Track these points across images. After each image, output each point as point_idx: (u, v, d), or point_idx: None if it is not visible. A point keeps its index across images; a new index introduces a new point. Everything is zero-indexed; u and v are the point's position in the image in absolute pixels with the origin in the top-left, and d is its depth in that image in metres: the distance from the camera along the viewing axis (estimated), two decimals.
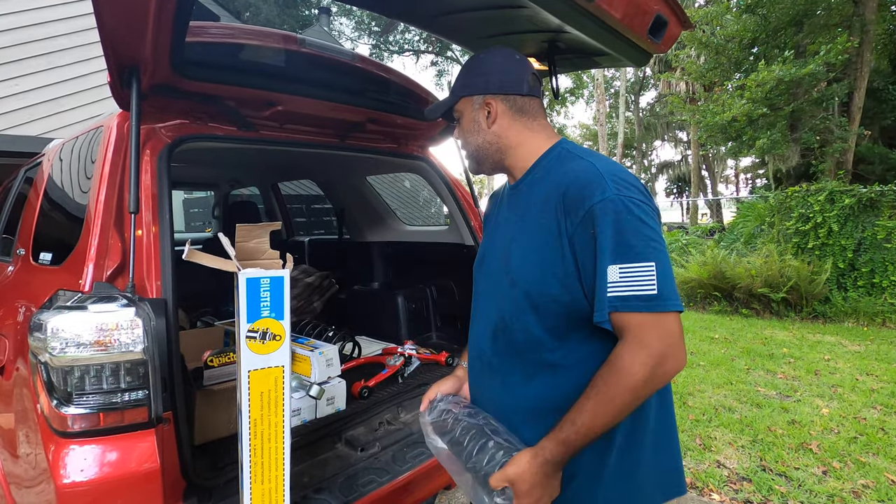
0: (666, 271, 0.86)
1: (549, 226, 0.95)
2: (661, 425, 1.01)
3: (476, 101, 1.09)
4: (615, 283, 0.85)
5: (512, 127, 1.08)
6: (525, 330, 0.99)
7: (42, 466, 1.22)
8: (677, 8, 1.41)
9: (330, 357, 1.91)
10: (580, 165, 0.96)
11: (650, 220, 0.89)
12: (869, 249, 6.46)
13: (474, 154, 1.14)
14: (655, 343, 0.83)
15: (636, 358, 0.83)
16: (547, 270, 0.94)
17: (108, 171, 1.39)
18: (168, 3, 1.07)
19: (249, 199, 4.89)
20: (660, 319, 0.84)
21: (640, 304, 0.84)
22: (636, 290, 0.84)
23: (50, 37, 5.90)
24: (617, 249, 0.86)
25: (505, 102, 1.07)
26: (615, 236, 0.86)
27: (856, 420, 3.45)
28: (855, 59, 9.02)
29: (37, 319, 1.16)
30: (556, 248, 0.93)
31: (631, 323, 0.85)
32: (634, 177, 0.94)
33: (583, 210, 0.89)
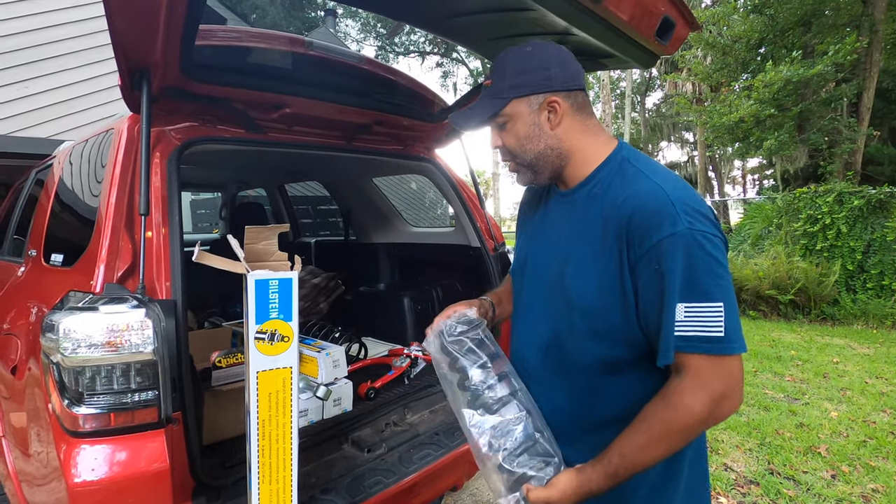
0: (733, 311, 0.81)
1: (610, 251, 0.88)
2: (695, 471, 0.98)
3: (534, 101, 0.94)
4: (681, 323, 0.81)
5: (573, 128, 0.96)
6: (581, 353, 0.94)
7: (53, 465, 1.24)
8: (685, 9, 1.40)
9: (336, 358, 1.92)
10: (647, 187, 0.87)
11: (721, 257, 0.83)
12: (878, 251, 6.40)
13: (532, 163, 0.98)
14: (717, 385, 0.81)
15: (696, 397, 0.81)
16: (608, 299, 0.88)
17: (119, 174, 1.40)
18: (178, 7, 1.08)
19: (256, 200, 4.91)
20: (723, 362, 0.81)
21: (705, 347, 0.80)
22: (702, 331, 0.80)
23: (62, 39, 5.96)
24: (686, 288, 0.80)
25: (568, 100, 0.94)
26: (685, 274, 0.80)
27: (865, 423, 3.42)
28: (864, 60, 8.94)
29: (49, 320, 1.18)
30: (617, 277, 0.87)
31: (693, 364, 0.81)
32: (704, 203, 0.86)
33: (649, 243, 0.83)
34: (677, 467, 0.94)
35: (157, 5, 1.05)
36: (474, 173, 2.44)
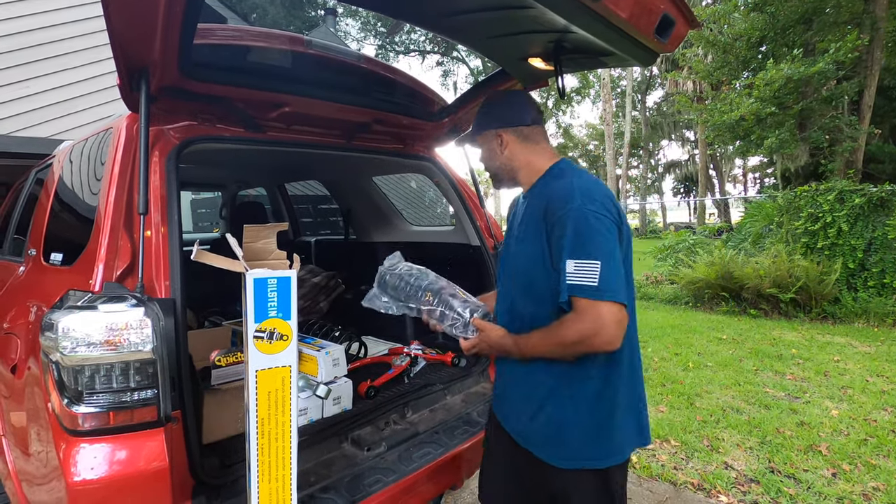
0: (609, 269, 1.11)
1: (540, 229, 1.24)
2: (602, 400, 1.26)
3: (490, 134, 1.39)
4: (571, 274, 1.13)
5: (519, 152, 1.37)
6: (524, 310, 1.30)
7: (53, 464, 1.24)
8: (684, 7, 1.40)
9: (336, 357, 1.92)
10: (563, 183, 1.25)
11: (602, 229, 1.15)
12: (879, 249, 6.39)
13: (494, 174, 1.44)
14: (589, 323, 1.11)
15: (573, 327, 1.13)
16: (538, 264, 1.24)
17: (118, 173, 1.40)
18: (176, 7, 1.08)
19: (256, 199, 4.91)
20: (595, 306, 1.11)
21: (584, 292, 1.12)
22: (583, 281, 1.12)
23: (61, 39, 5.97)
24: (573, 248, 1.14)
25: (513, 133, 1.36)
26: (573, 238, 1.14)
27: (866, 422, 3.41)
28: (865, 57, 8.93)
29: (48, 319, 1.18)
30: (542, 246, 1.23)
31: (577, 304, 1.13)
32: (602, 192, 1.21)
33: (555, 217, 1.19)
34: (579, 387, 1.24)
35: (155, 5, 1.05)
36: (474, 172, 2.43)
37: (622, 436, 1.27)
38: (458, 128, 2.29)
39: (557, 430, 1.25)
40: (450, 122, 2.23)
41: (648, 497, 2.65)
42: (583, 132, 41.93)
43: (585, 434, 1.24)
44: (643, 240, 26.18)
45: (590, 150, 42.11)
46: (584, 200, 1.16)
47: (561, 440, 1.25)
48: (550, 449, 1.26)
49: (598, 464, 1.24)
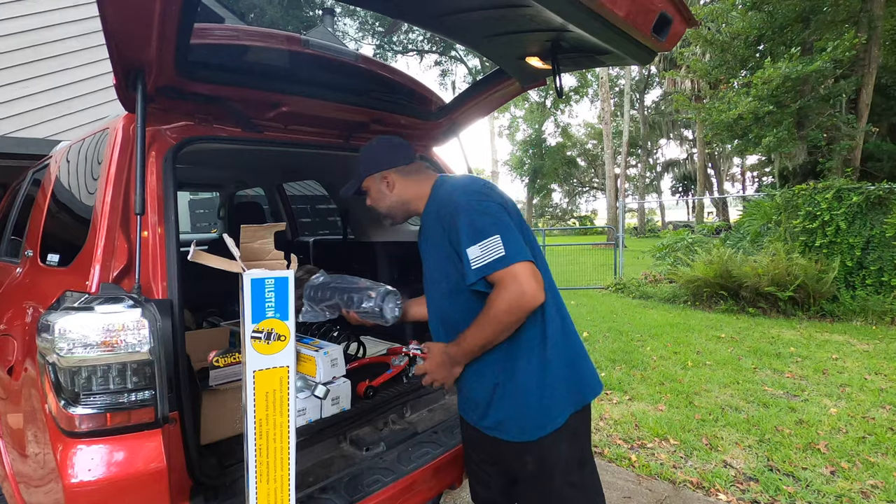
0: (508, 239, 1.25)
1: (442, 236, 1.37)
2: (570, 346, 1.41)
3: (376, 177, 1.54)
4: (477, 257, 1.25)
5: (405, 187, 1.52)
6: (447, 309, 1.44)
7: (50, 466, 1.23)
8: (681, 5, 1.40)
9: (335, 357, 1.92)
10: (444, 190, 1.43)
11: (490, 209, 1.30)
12: (877, 247, 6.41)
13: (387, 212, 1.58)
14: (511, 287, 1.22)
15: (499, 299, 1.23)
16: (449, 266, 1.37)
17: (115, 173, 1.40)
18: (172, 7, 1.07)
19: (254, 199, 4.90)
20: (510, 270, 1.22)
21: (496, 265, 1.23)
22: (492, 256, 1.23)
23: (59, 39, 5.95)
24: (471, 235, 1.26)
25: (397, 172, 1.52)
26: (468, 227, 1.28)
27: (864, 420, 3.42)
28: (863, 56, 8.95)
29: (45, 320, 1.17)
30: (448, 250, 1.36)
31: (495, 278, 1.24)
32: (480, 182, 1.40)
33: (447, 219, 1.34)
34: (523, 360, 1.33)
35: (151, 4, 1.04)
36: (473, 171, 2.43)
37: (575, 388, 1.39)
38: (456, 127, 2.29)
39: (514, 407, 1.34)
40: (447, 121, 2.23)
41: (647, 496, 2.65)
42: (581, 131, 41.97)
43: (540, 401, 1.33)
44: (642, 239, 26.20)
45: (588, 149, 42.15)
46: (464, 194, 1.34)
47: (520, 415, 1.33)
48: (513, 427, 1.35)
49: (560, 421, 1.34)
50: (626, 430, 3.41)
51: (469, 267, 1.26)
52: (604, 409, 3.76)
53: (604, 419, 3.60)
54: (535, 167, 36.55)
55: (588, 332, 6.28)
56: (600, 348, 5.44)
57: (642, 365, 4.81)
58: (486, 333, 1.28)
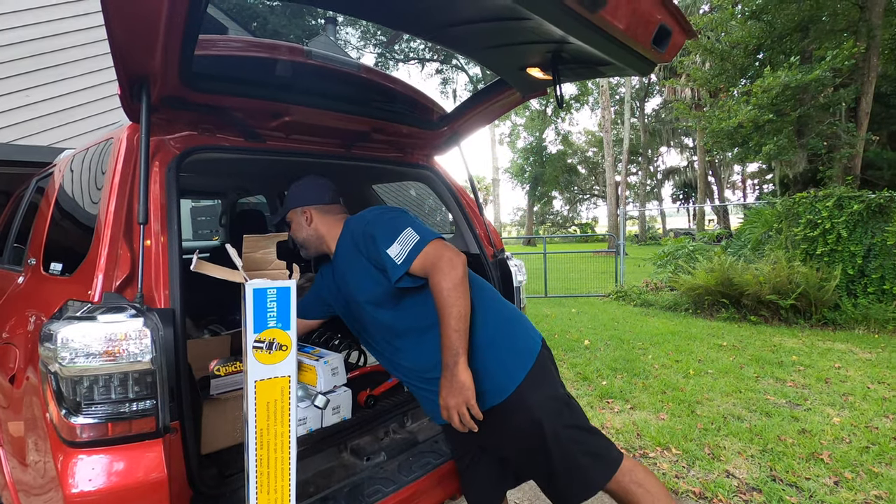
0: (417, 226, 1.44)
1: (359, 259, 1.54)
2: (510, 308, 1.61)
3: (298, 211, 1.73)
4: (398, 254, 1.39)
5: (322, 222, 1.70)
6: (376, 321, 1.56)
7: (51, 475, 1.23)
8: (681, 17, 1.41)
9: (335, 366, 1.91)
10: (353, 220, 1.63)
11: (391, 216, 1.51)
12: (879, 255, 6.40)
13: (302, 243, 1.75)
14: (440, 262, 1.35)
15: (436, 276, 1.35)
16: (369, 282, 1.52)
17: (118, 182, 1.40)
18: (178, 18, 1.09)
19: (256, 207, 4.91)
20: (428, 248, 1.38)
21: (416, 251, 1.38)
22: (410, 246, 1.38)
23: (63, 48, 6.00)
24: (385, 239, 1.43)
25: (315, 209, 1.72)
26: (381, 234, 1.45)
27: (868, 429, 3.40)
28: (862, 65, 8.99)
29: (47, 329, 1.18)
30: (367, 268, 1.51)
31: (421, 261, 1.38)
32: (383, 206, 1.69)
33: (360, 239, 1.52)
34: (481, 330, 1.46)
35: (156, 15, 1.05)
36: (473, 180, 2.44)
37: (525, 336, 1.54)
38: (457, 136, 2.30)
39: (490, 373, 1.43)
40: (449, 130, 2.24)
41: None
42: (581, 139, 42.12)
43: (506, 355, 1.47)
44: (643, 246, 26.19)
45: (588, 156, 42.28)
46: (369, 212, 1.56)
47: (493, 379, 1.43)
48: (490, 394, 1.43)
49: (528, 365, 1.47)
50: (627, 440, 3.39)
51: (394, 263, 1.39)
52: (605, 418, 3.75)
53: (605, 428, 3.58)
54: (535, 175, 36.64)
55: (589, 340, 6.26)
56: (601, 356, 5.42)
57: (644, 373, 4.80)
58: (454, 307, 1.34)
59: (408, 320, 1.51)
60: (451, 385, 1.34)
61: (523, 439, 1.46)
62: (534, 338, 1.57)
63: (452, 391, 1.34)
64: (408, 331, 1.52)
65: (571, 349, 5.79)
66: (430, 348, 1.48)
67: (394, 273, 1.39)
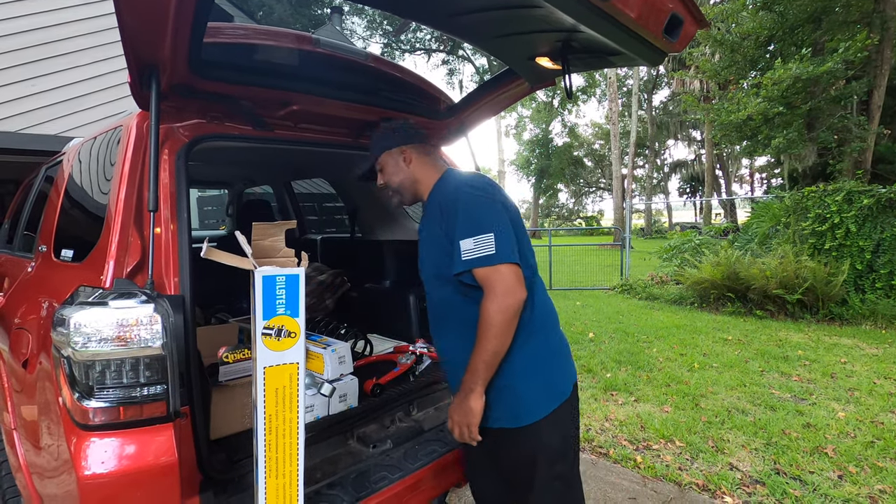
0: (501, 237, 1.29)
1: (438, 226, 1.42)
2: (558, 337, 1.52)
3: (394, 151, 1.57)
4: (469, 250, 1.29)
5: (421, 165, 1.56)
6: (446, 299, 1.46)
7: (64, 458, 1.26)
8: (693, 6, 1.39)
9: (342, 354, 1.93)
10: (448, 183, 1.49)
11: (489, 205, 1.35)
12: (888, 251, 6.34)
13: (397, 188, 1.59)
14: (499, 288, 1.27)
15: (490, 306, 1.27)
16: (442, 253, 1.41)
17: (128, 170, 1.41)
18: (187, 6, 1.09)
19: (262, 197, 4.93)
20: (498, 269, 1.28)
21: (485, 261, 1.28)
22: (483, 252, 1.28)
23: (70, 37, 6.01)
24: (467, 228, 1.31)
25: (414, 149, 1.57)
26: (465, 220, 1.32)
27: (873, 424, 3.39)
28: (875, 57, 8.85)
29: (60, 315, 1.19)
30: (443, 238, 1.40)
31: (482, 274, 1.29)
32: (483, 179, 1.45)
33: (447, 209, 1.39)
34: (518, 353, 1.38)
35: (166, 3, 1.05)
36: (480, 170, 2.43)
37: (562, 377, 1.48)
38: (464, 127, 2.29)
39: (513, 397, 1.40)
40: (456, 120, 2.23)
41: (653, 497, 2.65)
42: (588, 131, 41.81)
43: (536, 388, 1.41)
44: (648, 240, 26.08)
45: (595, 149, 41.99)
46: (469, 188, 1.39)
47: (518, 403, 1.40)
48: (507, 414, 1.40)
49: (552, 406, 1.41)
50: (631, 432, 3.40)
51: (459, 257, 1.31)
52: (609, 410, 3.76)
53: (609, 420, 3.59)
54: (541, 167, 36.46)
55: (594, 332, 6.26)
56: (606, 349, 5.43)
57: (648, 366, 4.80)
58: (490, 344, 1.28)
59: (456, 310, 1.44)
60: (461, 405, 1.35)
61: (515, 469, 1.47)
62: (569, 379, 1.51)
63: (461, 411, 1.36)
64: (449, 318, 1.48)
65: (576, 342, 5.79)
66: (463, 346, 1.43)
67: (455, 265, 1.33)
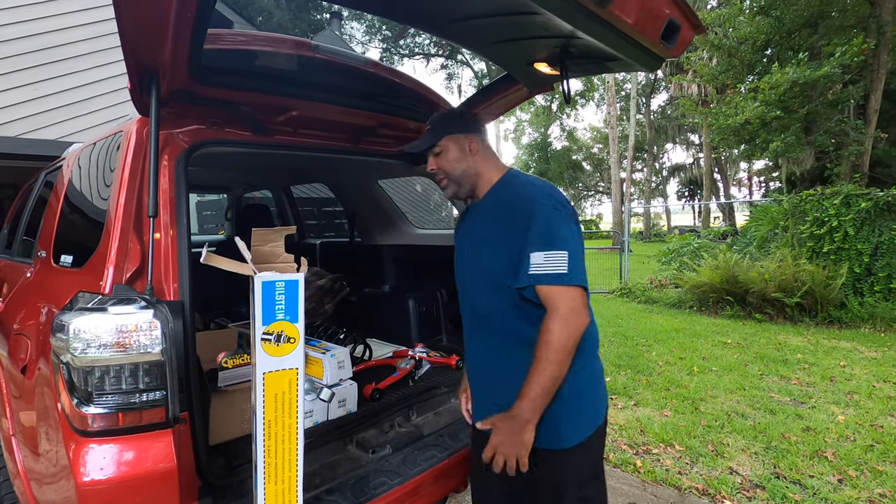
0: (575, 258, 1.23)
1: (506, 229, 1.32)
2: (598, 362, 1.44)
3: (461, 138, 1.47)
4: (540, 264, 1.22)
5: (483, 158, 1.47)
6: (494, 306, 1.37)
7: (62, 464, 1.25)
8: (690, 12, 1.40)
9: (341, 359, 1.93)
10: (522, 185, 1.39)
11: (567, 223, 1.28)
12: (886, 254, 6.36)
13: (456, 179, 1.47)
14: (565, 309, 1.20)
15: (554, 320, 1.20)
16: (504, 260, 1.32)
17: (128, 176, 1.42)
18: (187, 12, 1.09)
19: (262, 201, 4.94)
20: (569, 290, 1.21)
21: (555, 279, 1.21)
22: (555, 269, 1.21)
23: (70, 42, 6.02)
24: (543, 241, 1.24)
25: (479, 141, 1.48)
26: (543, 232, 1.24)
27: (872, 428, 3.39)
28: (871, 61, 8.90)
29: (59, 320, 1.19)
30: (509, 243, 1.30)
31: (548, 292, 1.22)
32: (559, 195, 1.34)
33: (522, 215, 1.29)
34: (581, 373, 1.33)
35: (166, 9, 1.06)
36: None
37: (602, 401, 1.44)
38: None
39: (558, 419, 1.33)
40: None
41: (653, 501, 2.64)
42: (587, 135, 41.92)
43: (580, 412, 1.36)
44: (647, 243, 26.10)
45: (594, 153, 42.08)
46: (548, 198, 1.30)
47: (556, 427, 1.34)
48: (548, 435, 1.33)
49: (590, 430, 1.37)
50: (631, 436, 3.39)
51: (526, 270, 1.24)
52: (609, 415, 3.75)
53: (609, 424, 3.59)
54: (540, 171, 36.55)
55: None
56: (605, 353, 5.42)
57: (648, 370, 4.80)
58: (552, 368, 1.20)
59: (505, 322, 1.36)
60: (511, 436, 1.24)
61: (545, 490, 1.40)
62: (605, 403, 1.47)
63: (511, 443, 1.24)
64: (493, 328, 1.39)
65: None
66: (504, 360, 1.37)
67: (520, 278, 1.26)
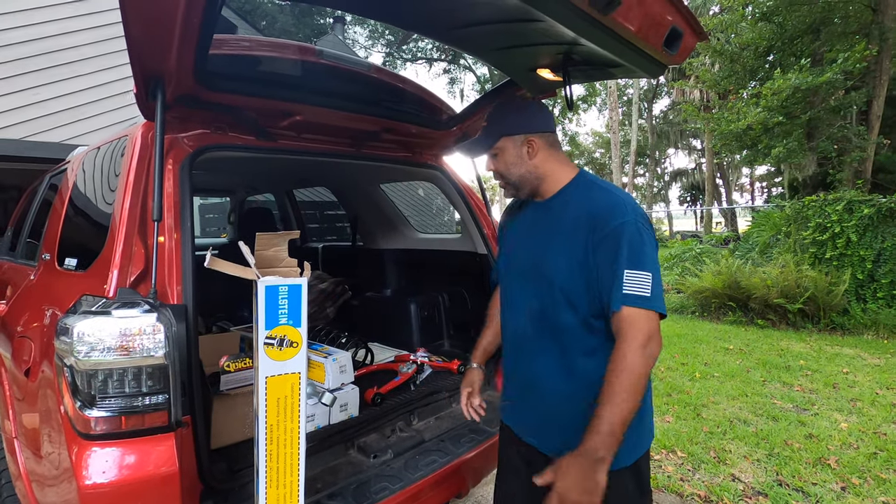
0: (657, 281, 1.16)
1: (578, 239, 1.22)
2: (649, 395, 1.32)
3: (519, 138, 1.33)
4: (628, 283, 1.13)
5: (547, 158, 1.34)
6: (559, 318, 1.26)
7: (65, 466, 1.25)
8: (692, 19, 1.41)
9: (343, 364, 1.93)
10: (605, 195, 1.25)
11: (650, 243, 1.19)
12: (889, 260, 6.34)
13: (515, 182, 1.36)
14: (643, 331, 1.11)
15: (630, 346, 1.10)
16: (576, 273, 1.22)
17: (133, 180, 1.43)
18: (194, 18, 1.10)
19: (264, 205, 4.95)
20: (649, 314, 1.13)
21: (638, 302, 1.12)
22: (637, 291, 1.13)
23: (73, 46, 6.06)
24: (630, 259, 1.14)
25: (542, 139, 1.33)
26: (629, 250, 1.15)
27: (875, 435, 3.37)
28: (874, 67, 8.89)
29: (63, 323, 1.20)
30: (582, 256, 1.21)
31: (629, 314, 1.12)
32: (643, 211, 1.23)
33: (608, 228, 1.18)
34: None
35: (173, 15, 1.07)
36: (481, 179, 2.45)
37: (649, 426, 1.35)
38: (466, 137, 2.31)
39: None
40: (458, 130, 2.25)
41: None
42: (589, 140, 41.94)
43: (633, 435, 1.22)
44: None
45: (596, 157, 42.11)
46: (634, 215, 1.19)
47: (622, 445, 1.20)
48: None
49: (636, 456, 1.28)
50: None
51: (620, 290, 1.13)
52: None
53: None
54: None
55: None
56: None
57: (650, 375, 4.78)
58: (630, 399, 1.09)
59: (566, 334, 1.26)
60: (583, 481, 1.06)
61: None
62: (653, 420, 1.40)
63: (582, 489, 1.06)
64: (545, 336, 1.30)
65: None
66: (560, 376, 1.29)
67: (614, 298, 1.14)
